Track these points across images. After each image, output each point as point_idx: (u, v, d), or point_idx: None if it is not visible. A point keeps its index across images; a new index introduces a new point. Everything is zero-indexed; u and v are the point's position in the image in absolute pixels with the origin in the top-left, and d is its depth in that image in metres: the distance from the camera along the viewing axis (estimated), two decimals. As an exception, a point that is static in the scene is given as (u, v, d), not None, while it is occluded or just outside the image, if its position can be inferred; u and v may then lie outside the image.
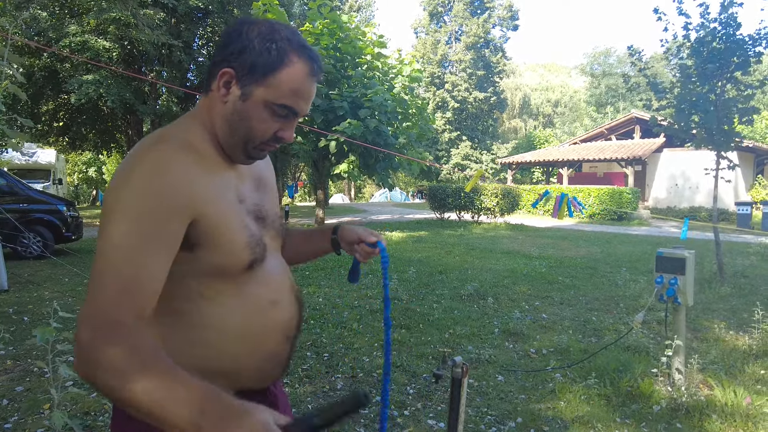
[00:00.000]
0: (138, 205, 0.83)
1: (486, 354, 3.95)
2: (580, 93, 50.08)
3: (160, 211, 0.84)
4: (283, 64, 0.91)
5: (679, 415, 2.99)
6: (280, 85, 0.91)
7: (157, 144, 0.90)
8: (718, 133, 6.64)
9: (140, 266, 0.82)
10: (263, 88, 0.91)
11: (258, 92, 0.91)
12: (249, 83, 0.91)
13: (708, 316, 5.19)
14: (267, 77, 0.91)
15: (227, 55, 0.93)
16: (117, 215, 0.83)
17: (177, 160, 0.88)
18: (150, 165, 0.86)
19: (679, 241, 11.77)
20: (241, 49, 0.91)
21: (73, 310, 4.97)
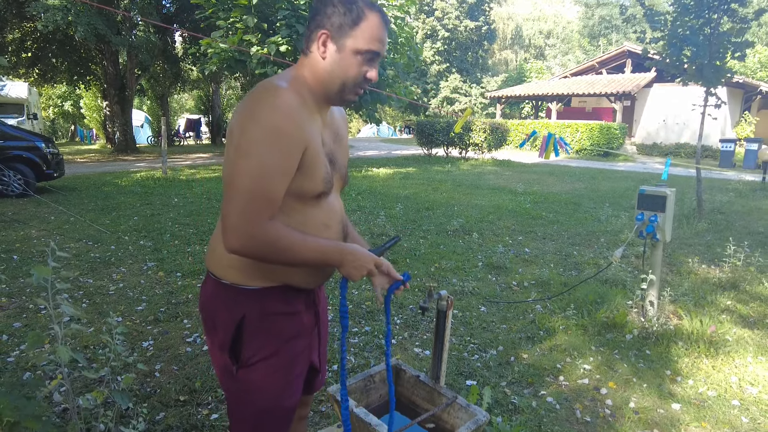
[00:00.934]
0: (268, 140, 1.09)
1: (470, 286, 4.11)
2: (573, 24, 48.52)
3: (285, 145, 1.11)
4: (361, 19, 1.18)
5: (648, 342, 3.19)
6: (363, 34, 1.18)
7: (276, 90, 1.14)
8: (709, 68, 6.57)
9: (271, 188, 1.11)
10: (351, 40, 1.18)
11: (348, 43, 1.18)
12: (341, 38, 1.18)
13: (684, 251, 5.40)
14: (353, 30, 1.17)
15: (321, 21, 1.19)
16: (254, 143, 1.09)
17: (293, 104, 1.14)
18: (274, 106, 1.11)
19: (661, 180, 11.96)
20: (330, 14, 1.18)
21: (62, 248, 5.00)
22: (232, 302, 1.24)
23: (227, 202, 1.10)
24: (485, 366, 2.86)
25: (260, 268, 1.24)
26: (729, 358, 3.03)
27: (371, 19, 1.19)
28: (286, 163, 1.12)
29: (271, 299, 1.26)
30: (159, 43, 19.89)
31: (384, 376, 2.05)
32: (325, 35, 1.18)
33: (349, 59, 1.19)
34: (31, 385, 1.59)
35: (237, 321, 1.23)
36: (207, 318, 1.31)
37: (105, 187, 9.43)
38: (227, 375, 1.29)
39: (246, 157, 1.09)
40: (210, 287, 1.30)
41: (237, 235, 1.10)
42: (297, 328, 1.32)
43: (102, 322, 3.30)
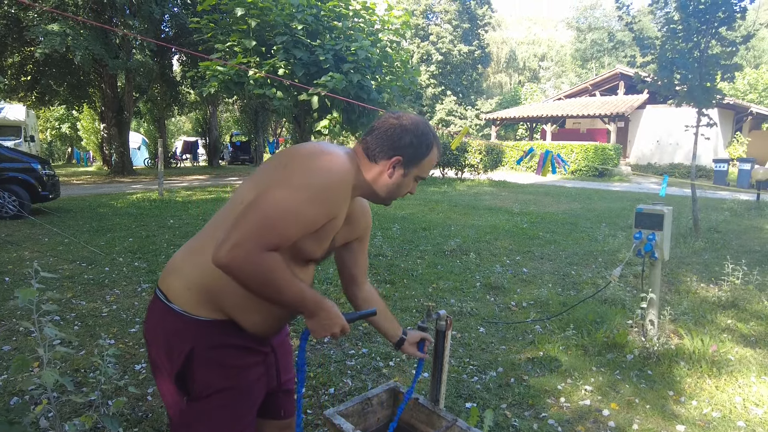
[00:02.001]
0: (313, 192, 1.16)
1: (468, 307, 4.06)
2: (566, 47, 49.43)
3: (323, 207, 1.19)
4: (429, 152, 1.36)
5: (650, 362, 3.14)
6: (426, 166, 1.38)
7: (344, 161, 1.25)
8: (700, 90, 6.67)
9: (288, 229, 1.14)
10: (417, 169, 1.37)
11: (414, 171, 1.37)
12: (410, 167, 1.35)
13: (682, 269, 5.38)
14: (420, 162, 1.36)
15: (398, 145, 1.32)
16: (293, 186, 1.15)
17: (348, 181, 1.25)
18: (335, 171, 1.21)
19: (657, 197, 12.02)
20: (408, 144, 1.32)
21: (55, 270, 4.94)
22: (181, 332, 1.22)
23: (243, 218, 1.12)
24: (485, 388, 2.81)
25: (213, 300, 1.23)
26: (732, 378, 2.98)
27: (434, 152, 1.38)
28: (314, 219, 1.18)
29: (220, 332, 1.24)
30: (156, 66, 20.09)
31: (382, 399, 2.00)
32: (398, 161, 1.33)
33: (408, 182, 1.38)
34: (16, 411, 1.54)
35: (186, 352, 1.21)
36: (153, 345, 1.28)
37: (100, 208, 9.39)
38: (176, 405, 1.27)
39: (284, 190, 1.14)
40: (158, 312, 1.27)
41: (236, 251, 1.08)
42: (249, 359, 1.31)
43: (94, 344, 3.23)
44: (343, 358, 3.15)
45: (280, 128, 33.27)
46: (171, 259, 1.33)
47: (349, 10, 11.91)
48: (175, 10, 17.59)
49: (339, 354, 3.21)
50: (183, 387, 1.24)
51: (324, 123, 11.91)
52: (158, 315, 1.27)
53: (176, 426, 1.29)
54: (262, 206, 1.12)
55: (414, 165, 1.35)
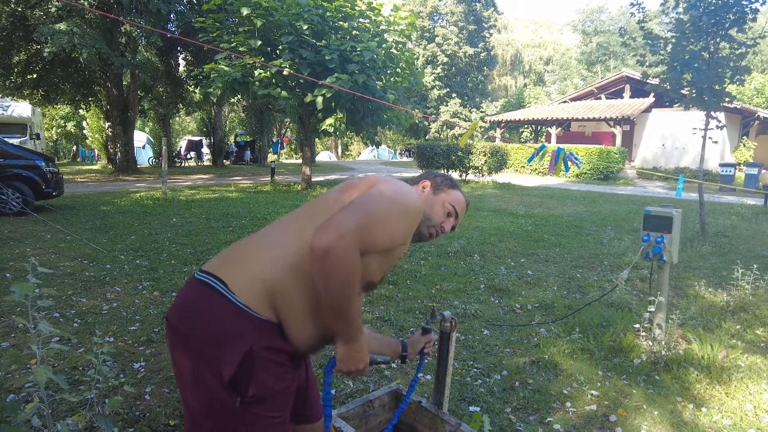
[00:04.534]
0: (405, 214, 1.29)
1: (472, 309, 4.01)
2: (571, 51, 49.30)
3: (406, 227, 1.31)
4: (455, 188, 1.55)
5: (658, 368, 3.08)
6: (454, 196, 1.53)
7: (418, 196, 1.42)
8: (709, 92, 6.59)
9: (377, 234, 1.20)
10: (445, 194, 1.52)
11: (442, 195, 1.51)
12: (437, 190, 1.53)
13: (689, 273, 5.31)
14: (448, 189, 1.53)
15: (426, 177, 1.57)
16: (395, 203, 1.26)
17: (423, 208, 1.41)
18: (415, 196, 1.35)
19: (664, 200, 11.92)
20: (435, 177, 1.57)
21: (57, 267, 4.91)
22: (239, 328, 1.14)
23: (351, 212, 1.17)
24: (489, 391, 2.75)
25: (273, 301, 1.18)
26: (742, 384, 2.91)
27: (460, 193, 1.56)
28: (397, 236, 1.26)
29: (276, 334, 1.20)
30: (161, 65, 20.13)
31: (384, 402, 1.95)
32: (426, 184, 1.54)
33: (437, 204, 1.49)
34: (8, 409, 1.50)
35: (244, 351, 1.12)
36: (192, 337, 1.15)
37: (103, 206, 9.38)
38: (218, 408, 1.15)
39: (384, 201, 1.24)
40: (209, 302, 1.15)
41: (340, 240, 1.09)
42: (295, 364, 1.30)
43: (93, 342, 3.19)
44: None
45: (285, 128, 33.30)
46: (230, 251, 1.27)
47: (355, 10, 11.88)
48: (180, 9, 17.60)
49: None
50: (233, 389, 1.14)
51: (329, 121, 11.88)
52: (209, 305, 1.15)
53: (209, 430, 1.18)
54: (368, 207, 1.19)
55: (441, 190, 1.52)
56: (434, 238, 1.52)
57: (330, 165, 29.75)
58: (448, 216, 1.51)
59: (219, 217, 8.38)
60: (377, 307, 4.04)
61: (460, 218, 1.54)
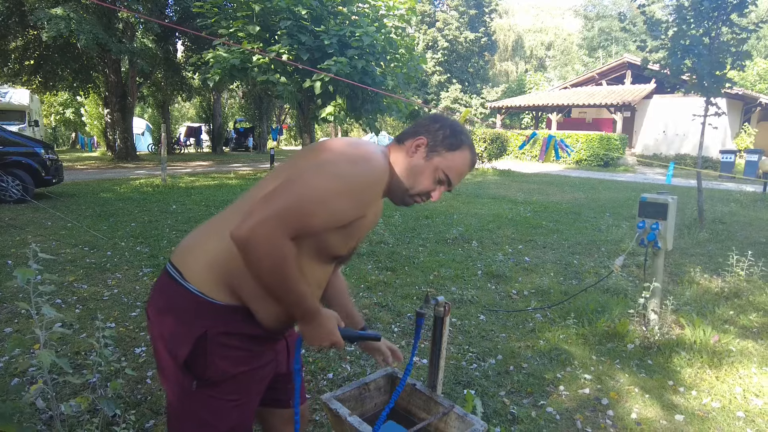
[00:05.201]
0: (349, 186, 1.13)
1: (469, 295, 4.05)
2: (573, 36, 48.83)
3: (355, 201, 1.16)
4: (459, 148, 1.29)
5: (650, 352, 3.13)
6: (452, 161, 1.28)
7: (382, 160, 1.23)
8: (709, 78, 6.57)
9: (314, 217, 1.11)
10: (441, 158, 1.28)
11: (436, 160, 1.28)
12: (433, 151, 1.28)
13: (685, 260, 5.35)
14: (447, 152, 1.28)
15: (425, 129, 1.30)
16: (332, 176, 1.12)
17: (383, 181, 1.23)
18: (373, 169, 1.18)
19: (663, 187, 11.92)
20: (436, 130, 1.29)
21: (58, 254, 4.96)
22: (194, 314, 1.16)
23: (272, 196, 1.09)
24: (484, 375, 2.80)
25: (231, 285, 1.17)
26: (733, 368, 2.96)
27: (464, 155, 1.30)
28: (343, 213, 1.15)
29: (235, 318, 1.19)
30: (159, 51, 19.97)
31: (380, 385, 2.00)
32: (423, 142, 1.28)
33: (428, 171, 1.28)
34: (13, 391, 1.54)
35: (197, 335, 1.15)
36: (158, 325, 1.22)
37: (103, 193, 9.40)
38: (179, 391, 1.21)
39: (320, 177, 1.12)
40: (168, 291, 1.21)
41: (259, 228, 1.04)
42: (261, 347, 1.27)
43: (95, 328, 3.24)
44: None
45: (284, 115, 33.17)
46: (187, 238, 1.27)
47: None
48: (178, -6, 17.43)
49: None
50: (189, 371, 1.18)
51: (329, 110, 11.85)
52: (168, 294, 1.20)
53: (177, 412, 1.25)
54: (295, 188, 1.09)
55: (437, 152, 1.28)
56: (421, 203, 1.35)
57: (330, 152, 29.65)
58: (438, 183, 1.30)
59: (219, 204, 8.41)
60: (375, 293, 4.09)
61: (455, 184, 1.34)
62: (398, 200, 1.31)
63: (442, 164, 1.27)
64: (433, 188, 1.29)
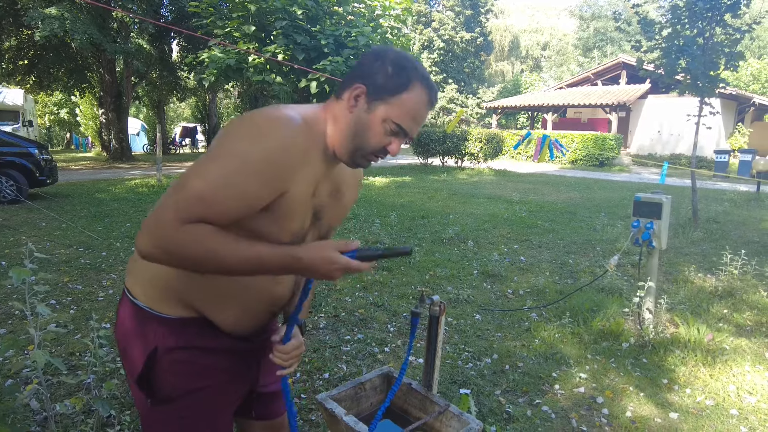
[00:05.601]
0: (249, 161, 0.96)
1: (465, 294, 4.06)
2: (568, 36, 48.99)
3: (263, 177, 0.97)
4: (407, 89, 1.04)
5: (645, 351, 3.14)
6: (401, 106, 1.05)
7: (288, 121, 1.01)
8: (703, 78, 6.60)
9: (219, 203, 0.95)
10: (386, 106, 1.04)
11: (381, 109, 1.05)
12: (375, 100, 1.05)
13: (680, 259, 5.38)
14: (392, 97, 1.04)
15: (363, 73, 1.07)
16: (230, 153, 0.97)
17: (296, 143, 1.00)
18: (279, 133, 0.98)
19: (657, 186, 11.98)
20: (376, 71, 1.05)
21: (52, 254, 4.93)
22: (144, 330, 1.12)
23: (175, 188, 0.96)
24: (479, 374, 2.81)
25: (179, 295, 1.10)
26: (727, 366, 2.98)
27: (416, 93, 1.05)
28: (252, 193, 0.97)
29: (189, 331, 1.12)
30: (155, 51, 19.90)
31: (375, 384, 2.00)
32: (361, 90, 1.05)
33: (374, 124, 1.05)
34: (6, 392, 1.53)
35: (149, 351, 1.10)
36: (119, 342, 1.19)
37: (98, 194, 9.36)
38: (141, 407, 1.17)
39: (214, 163, 0.96)
40: (123, 309, 1.18)
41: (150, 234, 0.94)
42: (223, 360, 1.17)
43: (90, 328, 3.23)
44: (339, 343, 3.15)
45: (280, 115, 33.05)
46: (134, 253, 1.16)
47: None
48: (173, -6, 17.38)
49: (334, 339, 3.21)
50: (147, 389, 1.12)
51: (324, 110, 11.81)
52: (123, 312, 1.17)
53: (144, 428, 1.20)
54: (186, 181, 0.96)
55: (381, 99, 1.04)
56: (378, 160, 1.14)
57: (326, 152, 29.64)
58: (392, 135, 1.07)
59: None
60: (371, 292, 4.09)
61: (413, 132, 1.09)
62: (350, 163, 1.11)
63: (389, 113, 1.04)
64: (387, 141, 1.07)
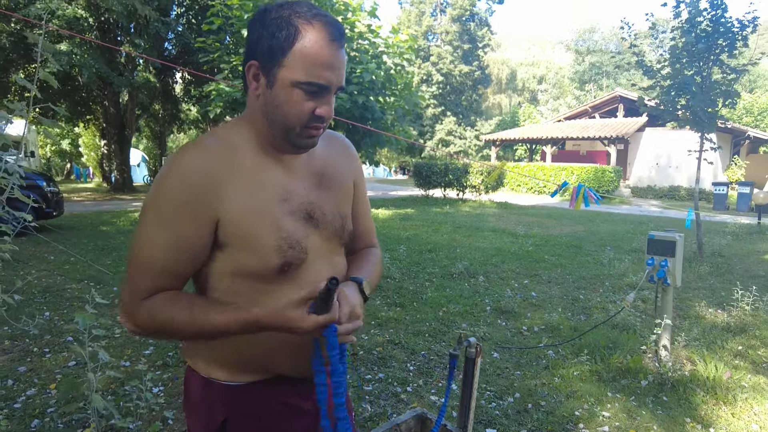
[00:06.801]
0: (160, 206, 0.91)
1: (480, 331, 4.07)
2: (564, 69, 50.15)
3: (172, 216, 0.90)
4: (295, 39, 0.87)
5: (665, 389, 3.15)
6: (300, 60, 0.88)
7: (191, 148, 0.93)
8: (703, 114, 6.78)
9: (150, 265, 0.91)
10: (284, 69, 0.88)
11: (281, 75, 0.89)
12: (271, 69, 0.90)
13: (689, 294, 5.40)
14: (285, 57, 0.88)
15: (250, 49, 0.93)
16: (145, 211, 0.93)
17: (202, 164, 0.90)
18: (176, 168, 0.90)
19: (660, 219, 12.07)
20: (259, 38, 0.91)
21: (64, 290, 4.93)
22: (212, 400, 1.02)
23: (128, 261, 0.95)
24: (504, 414, 2.81)
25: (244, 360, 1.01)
26: (747, 404, 2.99)
27: (309, 38, 0.87)
28: (171, 237, 0.90)
29: (259, 395, 1.03)
30: (159, 84, 20.28)
31: (411, 426, 2.01)
32: (255, 67, 0.92)
33: (283, 94, 0.90)
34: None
35: (219, 423, 1.01)
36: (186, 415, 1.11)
37: (103, 226, 9.39)
38: None
39: (138, 228, 0.94)
40: (189, 380, 1.08)
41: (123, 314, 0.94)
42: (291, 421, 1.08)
43: (109, 366, 3.22)
44: (360, 383, 3.15)
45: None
46: None
47: (354, 32, 12.12)
48: (178, 30, 17.83)
49: (355, 378, 3.20)
50: None
51: (328, 143, 11.99)
52: (189, 383, 1.08)
53: None
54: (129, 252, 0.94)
55: (276, 65, 0.89)
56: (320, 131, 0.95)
57: (326, 182, 29.79)
58: (311, 96, 0.90)
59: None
60: (386, 330, 4.10)
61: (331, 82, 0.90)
62: (291, 147, 0.97)
63: (291, 75, 0.88)
64: (311, 106, 0.91)
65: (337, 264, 1.08)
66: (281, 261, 0.94)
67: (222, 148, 0.94)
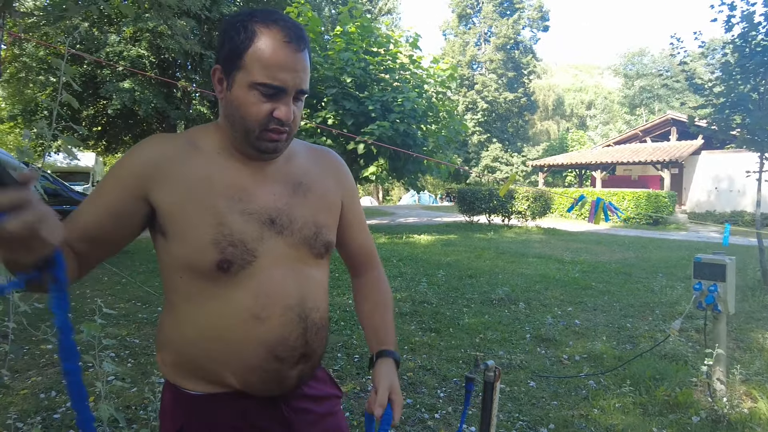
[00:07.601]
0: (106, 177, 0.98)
1: (518, 359, 3.91)
2: (613, 94, 48.96)
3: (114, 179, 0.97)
4: (250, 41, 0.90)
5: (720, 427, 2.89)
6: (255, 62, 0.90)
7: (155, 138, 1.01)
8: (761, 133, 6.40)
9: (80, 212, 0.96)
10: (242, 72, 0.91)
11: (238, 77, 0.92)
12: (231, 71, 0.93)
13: (751, 325, 5.00)
14: (241, 60, 0.91)
15: (217, 54, 0.98)
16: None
17: (152, 153, 0.97)
18: (132, 151, 0.99)
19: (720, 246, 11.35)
20: (222, 43, 0.95)
21: (113, 308, 5.16)
22: (173, 407, 1.02)
23: None
24: (536, 446, 2.66)
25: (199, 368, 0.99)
26: (816, 448, 2.69)
27: (264, 40, 0.90)
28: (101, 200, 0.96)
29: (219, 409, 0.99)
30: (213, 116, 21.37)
31: (428, 452, 1.93)
32: (218, 71, 0.96)
33: (241, 96, 0.92)
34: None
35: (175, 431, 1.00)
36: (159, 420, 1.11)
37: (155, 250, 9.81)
38: None
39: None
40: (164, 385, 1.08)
41: None
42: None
43: (145, 382, 3.31)
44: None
45: (328, 175, 34.08)
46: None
47: (396, 63, 12.38)
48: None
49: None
50: None
51: (371, 170, 12.18)
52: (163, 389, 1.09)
53: None
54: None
55: (235, 68, 0.92)
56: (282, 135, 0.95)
57: (371, 210, 30.11)
58: (268, 98, 0.91)
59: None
60: (419, 355, 4.01)
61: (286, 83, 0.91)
62: (253, 151, 0.97)
63: (248, 77, 0.90)
64: (268, 108, 0.92)
65: (309, 276, 1.03)
66: (218, 257, 0.92)
67: (181, 144, 0.99)
